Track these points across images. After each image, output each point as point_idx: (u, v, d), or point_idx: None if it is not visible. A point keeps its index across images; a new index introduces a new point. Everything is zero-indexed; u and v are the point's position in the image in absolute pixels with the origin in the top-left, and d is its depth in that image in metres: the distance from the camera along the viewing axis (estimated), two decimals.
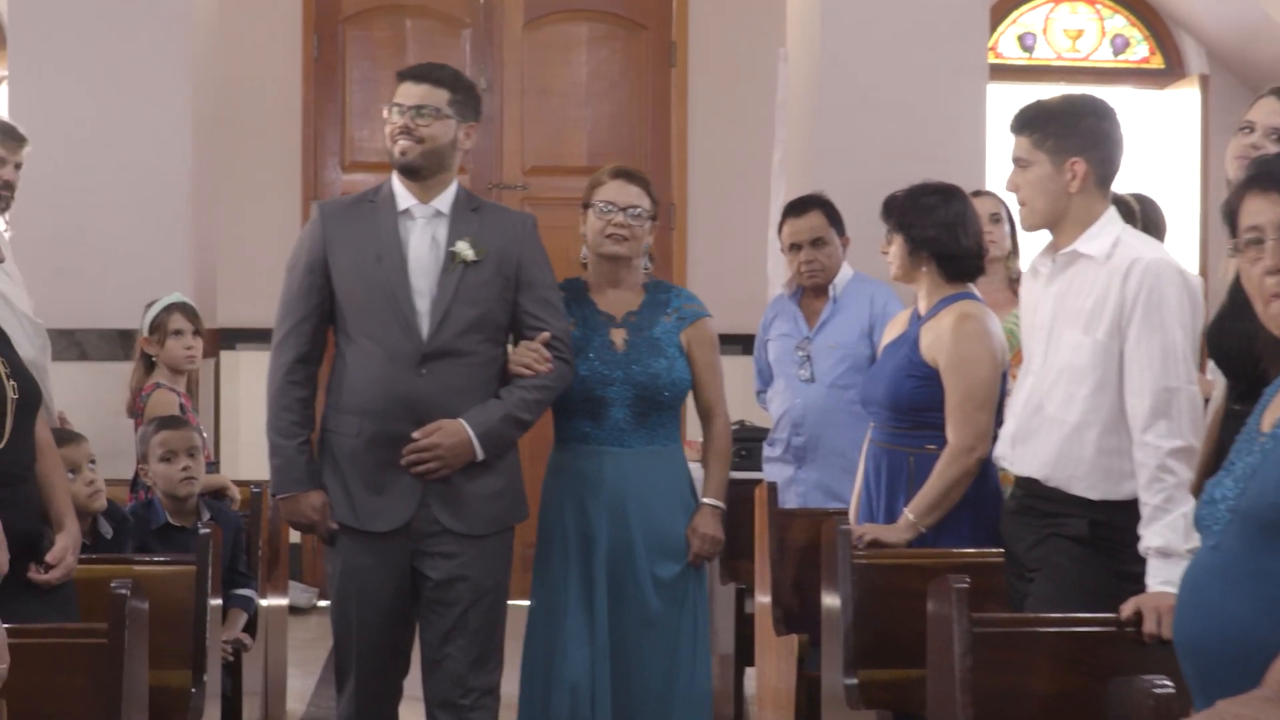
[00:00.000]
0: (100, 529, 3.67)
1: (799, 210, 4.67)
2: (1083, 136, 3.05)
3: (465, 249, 3.47)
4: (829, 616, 3.60)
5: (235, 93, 6.46)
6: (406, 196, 3.53)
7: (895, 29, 5.31)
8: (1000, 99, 5.93)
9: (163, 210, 5.18)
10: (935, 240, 3.67)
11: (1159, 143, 7.21)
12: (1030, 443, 3.11)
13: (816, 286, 4.67)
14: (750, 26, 6.80)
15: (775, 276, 5.78)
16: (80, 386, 4.99)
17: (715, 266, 6.69)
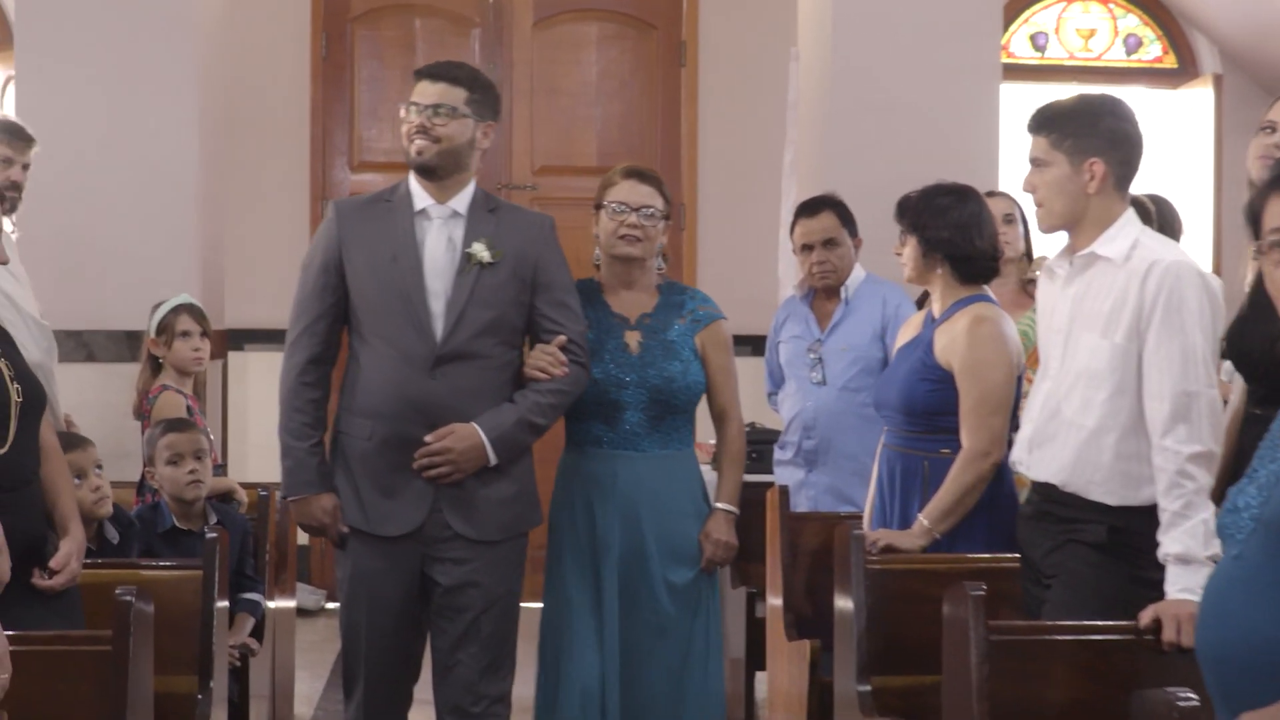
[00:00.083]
0: (106, 534, 3.65)
1: (811, 211, 4.63)
2: (1102, 137, 3.01)
3: (481, 250, 3.43)
4: (842, 622, 3.56)
5: (243, 92, 6.45)
6: (423, 196, 3.49)
7: (908, 28, 5.28)
8: (1012, 99, 5.90)
9: (170, 211, 5.17)
10: (949, 242, 3.63)
11: (1172, 143, 7.18)
12: (1047, 447, 3.07)
13: (828, 288, 4.63)
14: (761, 26, 6.78)
15: (786, 277, 5.76)
16: (87, 388, 4.98)
17: (725, 267, 6.67)
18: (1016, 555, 3.28)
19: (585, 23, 6.85)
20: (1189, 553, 2.80)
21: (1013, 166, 5.76)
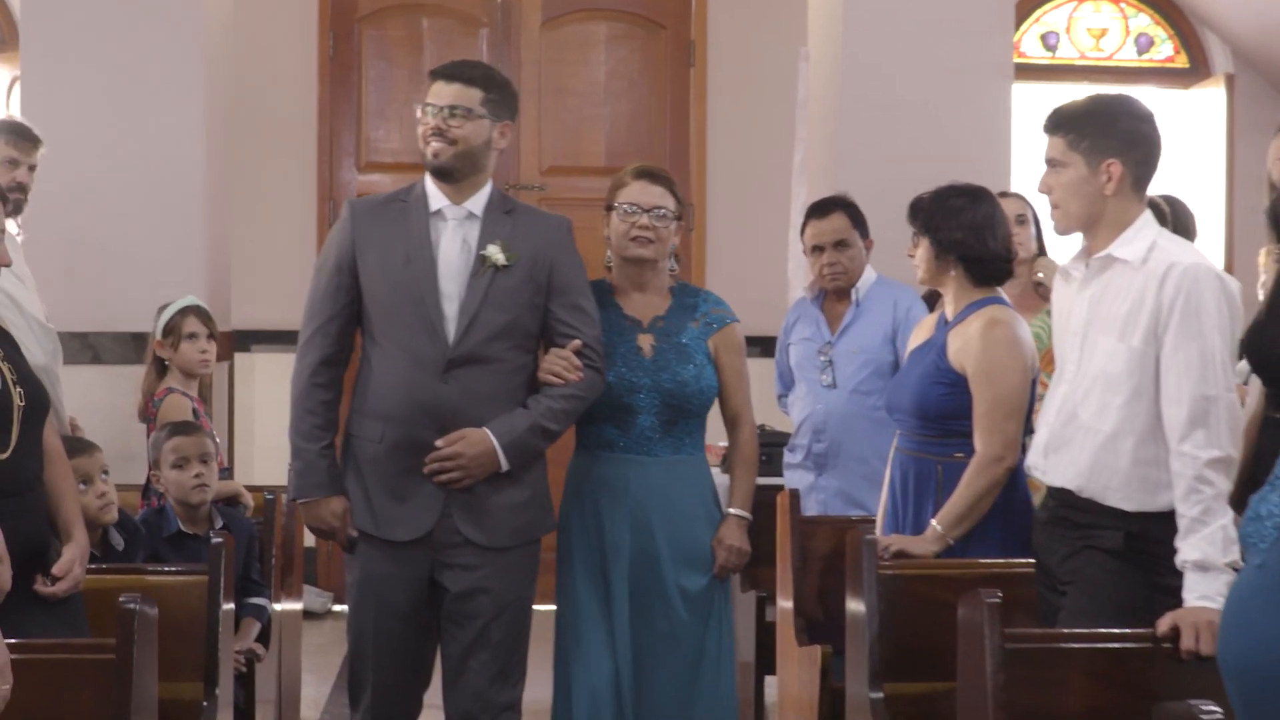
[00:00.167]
0: (111, 540, 3.61)
1: (822, 211, 4.59)
2: (1119, 137, 2.97)
3: (496, 253, 3.39)
4: (854, 628, 3.53)
5: (250, 93, 6.43)
6: (439, 197, 3.45)
7: (918, 27, 5.25)
8: (1023, 98, 5.86)
9: (177, 212, 5.15)
10: (962, 243, 3.59)
11: (1184, 143, 7.13)
12: (1063, 452, 3.03)
13: (839, 290, 4.60)
14: (770, 25, 6.75)
15: (796, 278, 5.73)
16: (93, 390, 4.97)
17: (734, 268, 6.64)
18: (1031, 560, 3.24)
19: (594, 22, 6.83)
20: (1207, 559, 2.76)
21: (1023, 166, 5.74)
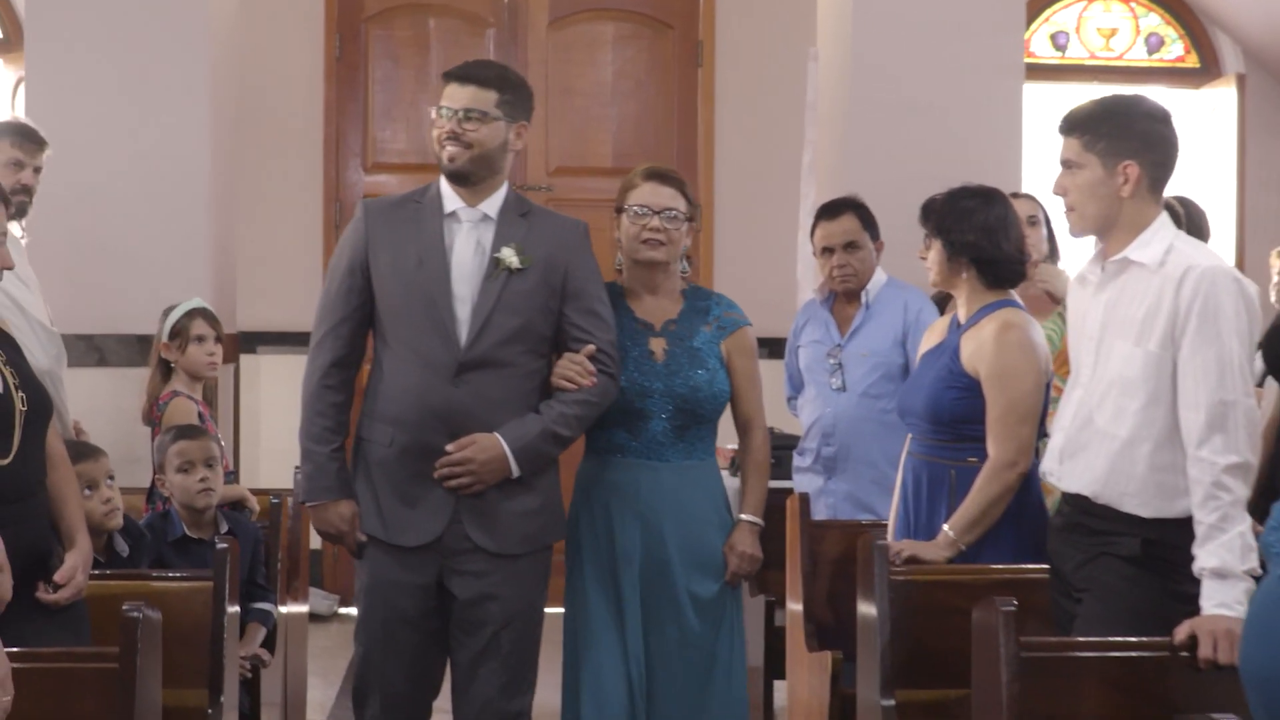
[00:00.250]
0: (116, 547, 3.58)
1: (832, 213, 4.56)
2: (1136, 139, 2.93)
3: (510, 256, 3.35)
4: (865, 634, 3.49)
5: (256, 93, 6.41)
6: (454, 199, 3.41)
7: (928, 27, 5.21)
8: (1032, 99, 5.82)
9: (182, 213, 5.12)
10: (975, 245, 3.55)
11: (1194, 144, 7.10)
12: (1079, 458, 3.00)
13: (849, 292, 4.56)
14: (778, 26, 6.73)
15: (805, 280, 5.70)
16: (99, 392, 4.94)
17: (743, 269, 6.61)
18: (1044, 566, 3.21)
19: (601, 22, 6.80)
20: (1225, 566, 2.73)
21: (1033, 167, 5.70)
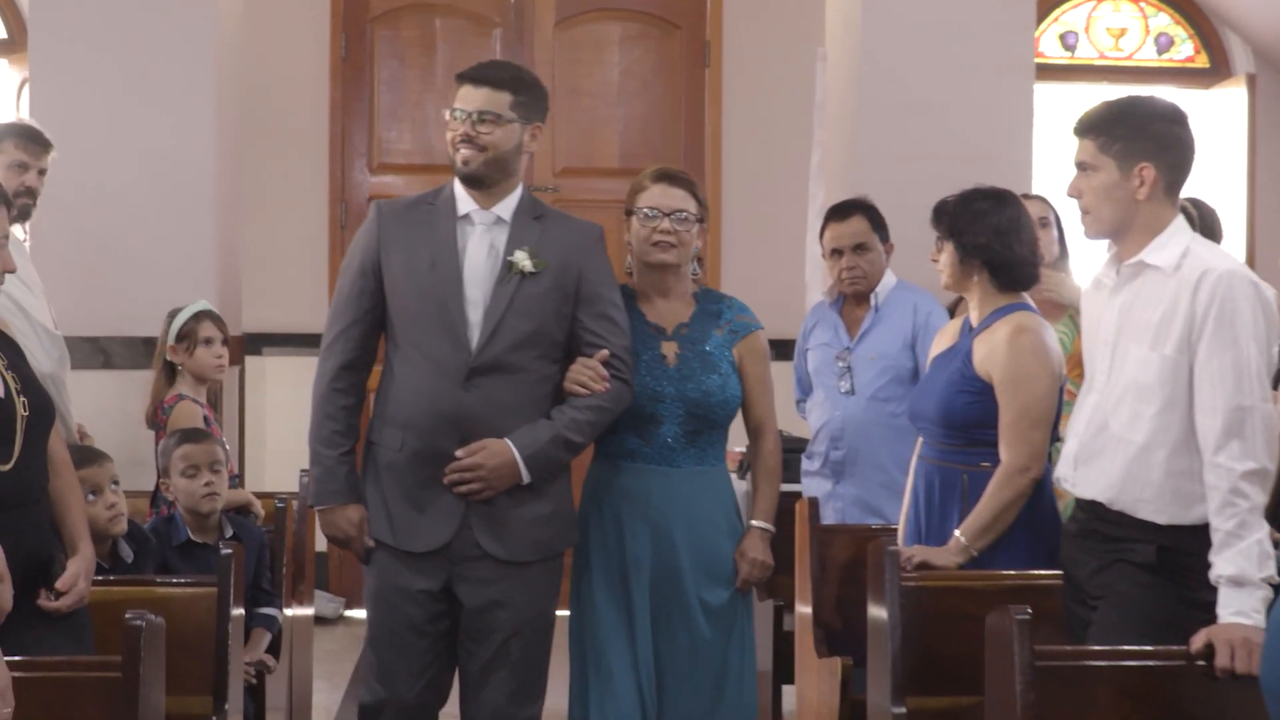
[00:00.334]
0: (120, 552, 3.55)
1: (841, 214, 4.52)
2: (1153, 140, 2.90)
3: (523, 259, 3.31)
4: (875, 640, 3.46)
5: (261, 93, 6.39)
6: (467, 201, 3.38)
7: (938, 26, 5.18)
8: (1041, 99, 5.79)
9: (188, 214, 5.10)
10: (987, 248, 3.51)
11: (1204, 144, 7.04)
12: (1094, 463, 2.96)
13: (858, 294, 4.53)
14: (787, 26, 6.70)
15: (814, 282, 5.67)
16: (105, 395, 4.92)
17: (750, 271, 6.58)
18: (1057, 572, 3.18)
19: (608, 22, 6.77)
20: (1243, 574, 2.70)
21: (1042, 168, 5.66)
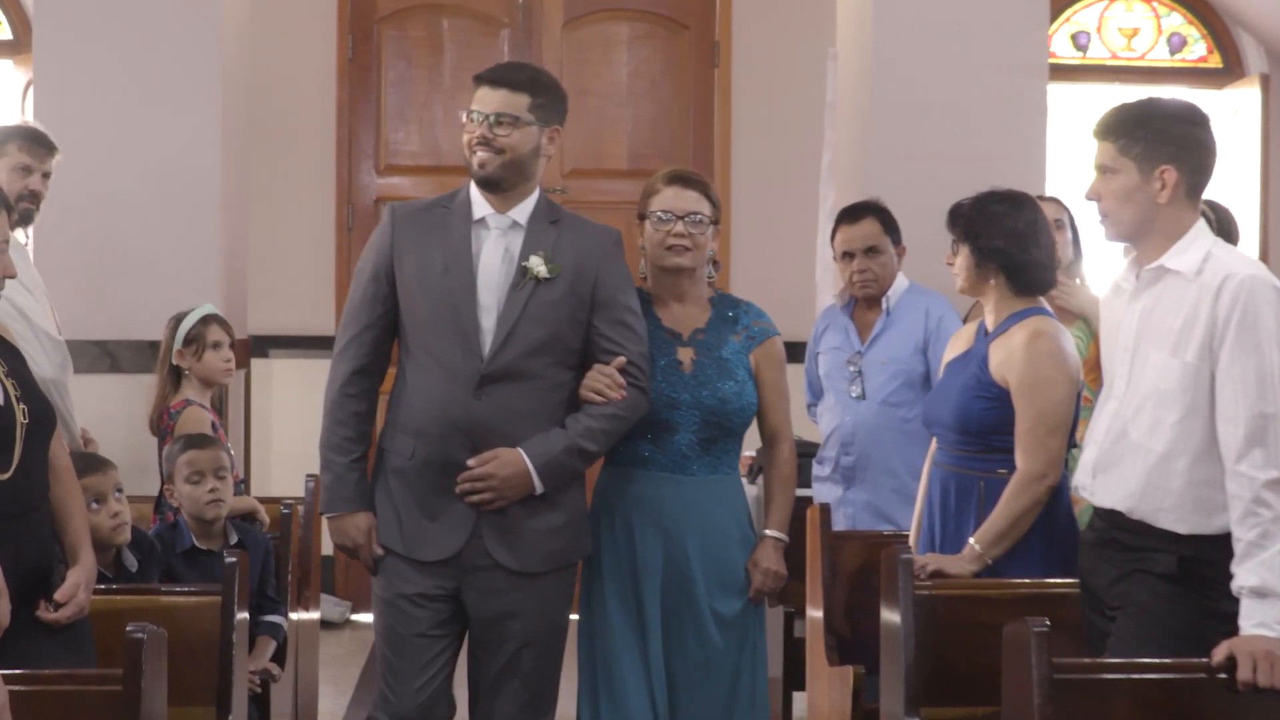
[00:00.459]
0: (124, 562, 3.50)
1: (853, 217, 4.48)
2: (1175, 143, 2.86)
3: (538, 264, 3.26)
4: (889, 649, 3.42)
5: (268, 95, 6.36)
6: (483, 205, 3.33)
7: (950, 26, 5.13)
8: (1053, 99, 5.73)
9: (194, 217, 5.07)
10: (1004, 251, 3.47)
11: (1217, 144, 7.00)
12: (1113, 472, 2.92)
13: (870, 298, 4.48)
14: (797, 26, 6.66)
15: (824, 284, 5.62)
16: (111, 398, 4.89)
17: (760, 273, 6.54)
18: (1073, 581, 3.14)
19: (616, 23, 6.73)
20: (1265, 585, 2.66)
21: (1054, 169, 5.61)
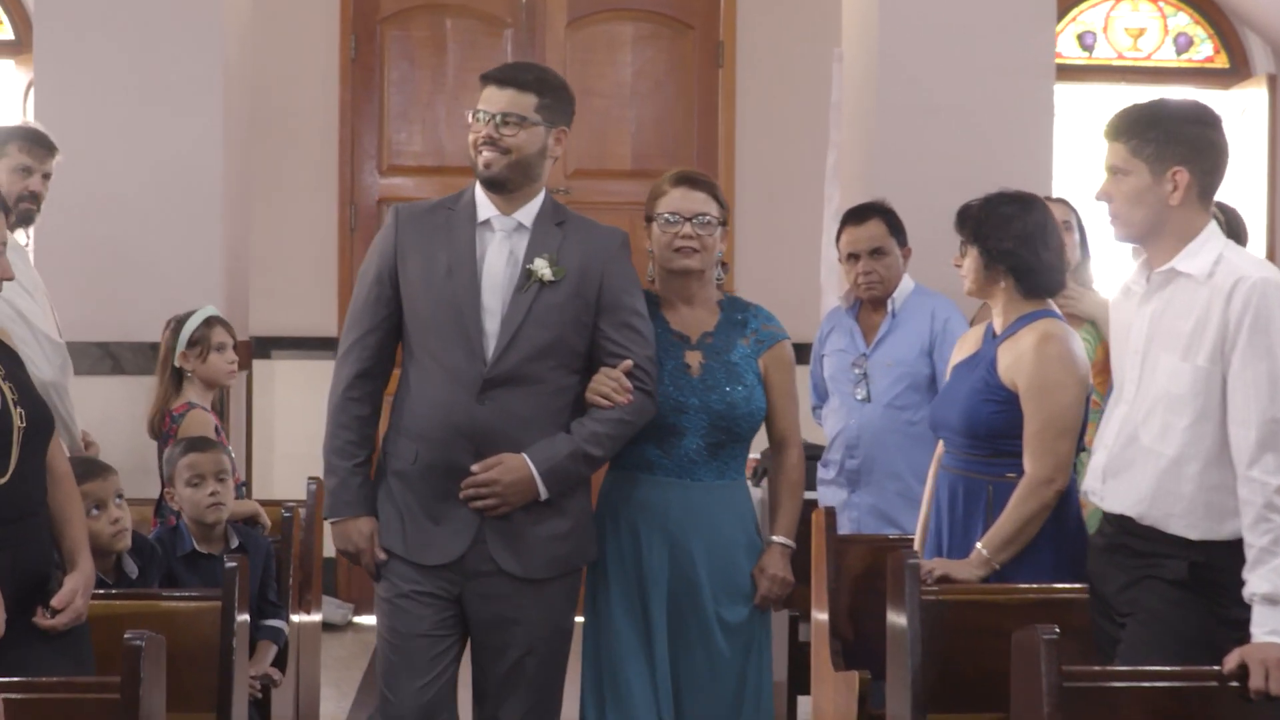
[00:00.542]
0: (125, 568, 3.47)
1: (858, 218, 4.45)
2: (1187, 144, 2.83)
3: (543, 267, 3.22)
4: (895, 655, 3.39)
5: (270, 95, 6.34)
6: (488, 206, 3.29)
7: (956, 26, 5.10)
8: (1059, 99, 5.70)
9: (196, 217, 5.04)
10: (1013, 253, 3.43)
11: (1229, 146, 6.97)
12: (1123, 477, 2.89)
13: (875, 299, 4.45)
14: (802, 25, 6.64)
15: (829, 285, 5.60)
16: (113, 400, 4.87)
17: (764, 274, 6.51)
18: (1081, 586, 3.11)
19: (620, 23, 6.71)
20: (1278, 592, 2.63)
21: (1058, 169, 5.58)
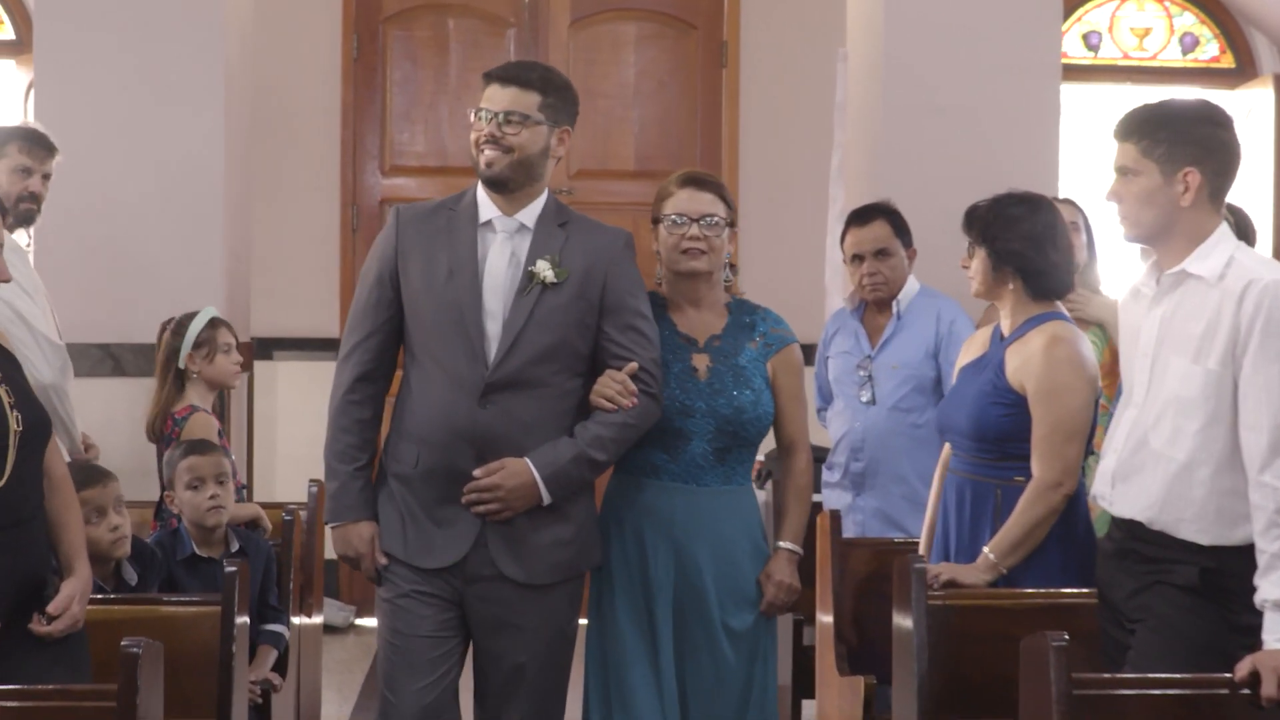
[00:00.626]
0: (124, 575, 3.44)
1: (863, 219, 4.42)
2: (1198, 145, 2.80)
3: (545, 269, 3.19)
4: (901, 660, 3.35)
5: (272, 95, 6.32)
6: (490, 207, 3.25)
7: (962, 26, 5.07)
8: (1064, 99, 5.67)
9: (197, 217, 5.03)
10: (1021, 254, 3.40)
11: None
12: (1133, 481, 2.85)
13: (880, 301, 4.42)
14: (806, 26, 6.62)
15: (833, 286, 5.57)
16: (115, 402, 4.86)
17: (768, 275, 6.46)
18: (1090, 591, 3.08)
19: (624, 22, 6.69)
20: None
21: (1064, 169, 5.54)
